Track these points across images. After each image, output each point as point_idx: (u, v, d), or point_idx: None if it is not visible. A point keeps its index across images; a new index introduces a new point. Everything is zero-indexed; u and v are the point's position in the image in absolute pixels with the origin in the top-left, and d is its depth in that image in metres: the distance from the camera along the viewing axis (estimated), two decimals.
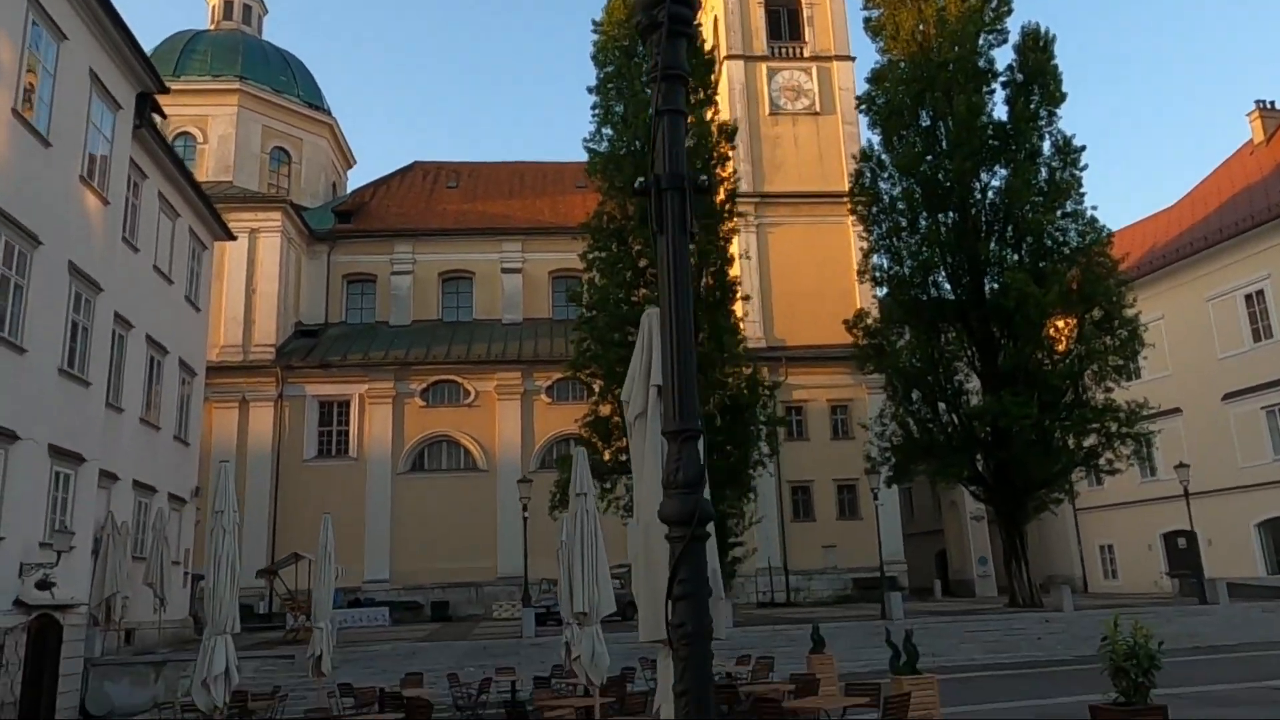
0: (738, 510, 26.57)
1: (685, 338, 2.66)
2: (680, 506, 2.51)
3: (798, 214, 42.79)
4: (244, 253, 39.35)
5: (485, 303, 44.30)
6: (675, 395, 2.61)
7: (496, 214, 46.65)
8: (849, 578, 39.05)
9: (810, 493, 40.75)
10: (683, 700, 2.42)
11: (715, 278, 27.79)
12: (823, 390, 41.18)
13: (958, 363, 29.07)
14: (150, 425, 25.65)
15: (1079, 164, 28.39)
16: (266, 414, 38.26)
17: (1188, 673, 18.23)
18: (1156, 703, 7.65)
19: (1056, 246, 28.19)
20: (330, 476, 38.22)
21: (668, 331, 2.67)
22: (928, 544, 47.73)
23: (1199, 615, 25.95)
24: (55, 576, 18.08)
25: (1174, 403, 36.04)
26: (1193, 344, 35.67)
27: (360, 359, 39.57)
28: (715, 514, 2.61)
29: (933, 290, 29.51)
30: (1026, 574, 28.19)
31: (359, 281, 44.54)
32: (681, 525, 2.49)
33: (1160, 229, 39.77)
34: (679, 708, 2.41)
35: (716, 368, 26.84)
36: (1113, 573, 40.01)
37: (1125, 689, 7.56)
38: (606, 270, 27.65)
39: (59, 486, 19.32)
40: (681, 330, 2.66)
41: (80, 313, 20.28)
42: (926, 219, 29.84)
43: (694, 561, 2.48)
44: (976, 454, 28.39)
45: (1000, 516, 28.55)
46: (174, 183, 27.05)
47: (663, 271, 2.76)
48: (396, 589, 37.32)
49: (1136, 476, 37.09)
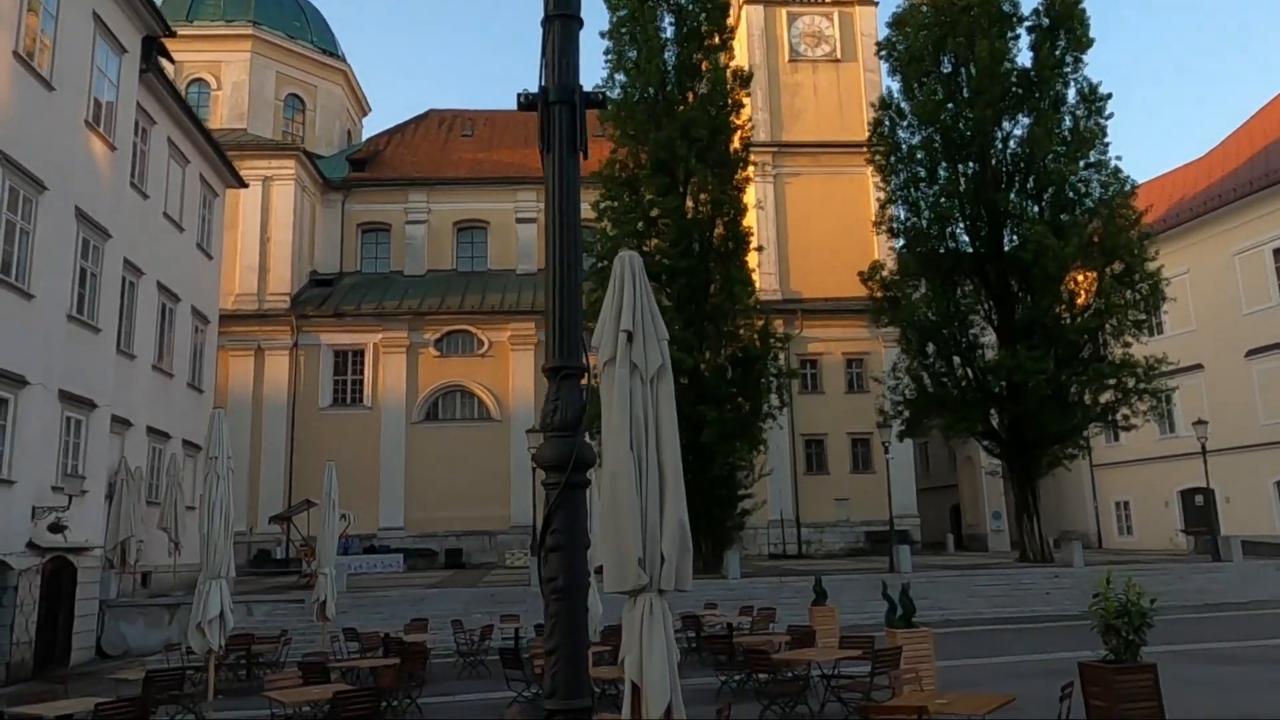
0: (747, 463, 26.47)
1: (570, 267, 2.47)
2: (556, 451, 2.34)
3: (817, 164, 42.07)
4: (258, 201, 39.25)
5: (500, 252, 44.06)
6: (556, 329, 2.43)
7: (512, 163, 46.15)
8: (861, 531, 39.06)
9: (824, 446, 40.63)
10: (554, 659, 2.27)
11: (728, 228, 27.38)
12: (838, 343, 40.84)
13: (973, 316, 28.61)
14: (163, 372, 25.81)
15: (1104, 113, 27.60)
16: (282, 362, 38.45)
17: (1195, 630, 18.12)
18: (1148, 660, 7.51)
19: (1078, 198, 27.52)
20: (345, 425, 38.48)
21: (551, 259, 2.48)
22: (942, 498, 47.61)
23: (1211, 573, 25.75)
24: (67, 520, 18.35)
25: (1196, 359, 35.47)
26: (1217, 299, 34.95)
27: (374, 308, 39.58)
28: (594, 460, 2.42)
29: (950, 242, 28.96)
30: (1038, 529, 28.03)
31: (373, 231, 44.38)
32: (557, 470, 2.32)
33: (1189, 181, 38.78)
34: (549, 665, 2.27)
35: (728, 319, 26.57)
36: (1128, 529, 39.78)
37: (1115, 647, 7.43)
38: (618, 220, 27.32)
39: (70, 431, 19.52)
40: (565, 258, 2.47)
41: (89, 259, 20.29)
42: (946, 169, 29.19)
43: (569, 510, 2.31)
44: (990, 409, 28.09)
45: (1013, 471, 28.32)
46: (183, 129, 26.87)
47: (549, 192, 2.56)
48: (411, 536, 37.71)
49: (1155, 433, 36.68)
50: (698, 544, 27.12)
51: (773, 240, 41.22)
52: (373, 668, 11.38)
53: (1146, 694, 7.20)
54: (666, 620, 5.08)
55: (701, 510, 26.51)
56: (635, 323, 5.37)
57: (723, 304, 26.52)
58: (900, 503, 40.27)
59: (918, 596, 23.47)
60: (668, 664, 4.96)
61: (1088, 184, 27.60)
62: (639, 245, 26.94)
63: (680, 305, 26.27)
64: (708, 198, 27.09)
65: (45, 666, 17.80)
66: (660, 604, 5.07)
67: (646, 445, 5.21)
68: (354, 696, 8.23)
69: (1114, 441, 38.91)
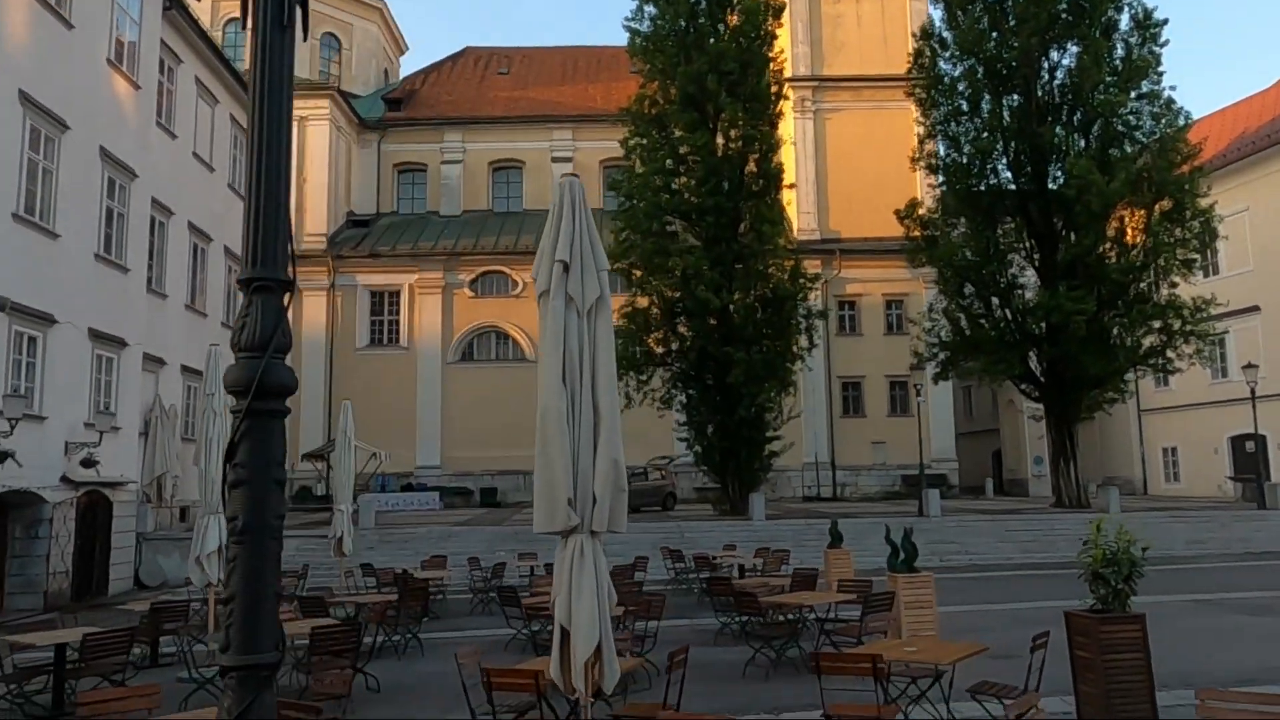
0: (776, 404, 26.16)
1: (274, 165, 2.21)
2: (241, 373, 2.11)
3: (859, 99, 40.80)
4: (294, 142, 39.09)
5: (535, 193, 43.69)
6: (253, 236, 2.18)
7: (547, 101, 45.57)
8: (897, 474, 38.65)
9: (861, 389, 40.10)
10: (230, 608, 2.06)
11: (759, 165, 26.67)
12: (877, 284, 40.02)
13: (1013, 255, 27.69)
14: (197, 312, 26.18)
15: (1159, 40, 26.14)
16: (320, 303, 38.83)
17: (1231, 579, 17.61)
18: (1138, 610, 7.19)
19: (1128, 132, 26.27)
20: (382, 365, 38.90)
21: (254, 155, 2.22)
22: (985, 443, 46.87)
23: (1255, 520, 24.96)
24: (99, 456, 18.82)
25: (1252, 300, 34.04)
26: (1278, 238, 33.35)
27: (410, 249, 39.65)
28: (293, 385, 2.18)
29: (991, 179, 27.93)
30: (1075, 474, 27.39)
31: (409, 171, 44.29)
32: (241, 396, 2.10)
33: (1252, 113, 36.81)
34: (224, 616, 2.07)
35: (758, 259, 26.05)
36: (1175, 476, 38.77)
37: (1104, 596, 7.11)
38: (646, 158, 26.78)
39: (101, 369, 19.91)
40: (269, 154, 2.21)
41: (115, 199, 20.46)
42: (989, 102, 28.02)
43: (256, 441, 2.10)
44: (1029, 350, 27.31)
45: (1051, 415, 27.60)
46: (211, 68, 26.82)
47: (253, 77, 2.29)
48: (448, 475, 38.24)
49: (1207, 377, 35.48)
50: (725, 485, 27.19)
51: (812, 179, 40.27)
52: (374, 603, 11.49)
53: (1133, 645, 6.88)
54: (599, 562, 4.91)
55: (729, 452, 26.40)
56: (572, 253, 5.12)
57: (752, 243, 25.96)
58: (939, 447, 39.76)
59: (946, 540, 23.50)
60: (598, 607, 4.80)
61: (1139, 116, 26.32)
62: (667, 183, 26.46)
63: (708, 245, 25.80)
64: (738, 134, 26.38)
65: (83, 596, 18.43)
66: (592, 545, 4.90)
67: (581, 381, 4.99)
68: (331, 632, 8.28)
69: (1163, 386, 37.73)
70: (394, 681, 9.77)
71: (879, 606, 9.12)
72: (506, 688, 6.00)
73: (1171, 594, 15.48)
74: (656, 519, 26.55)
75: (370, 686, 9.32)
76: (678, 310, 26.12)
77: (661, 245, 25.82)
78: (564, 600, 4.84)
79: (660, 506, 31.46)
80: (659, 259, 25.65)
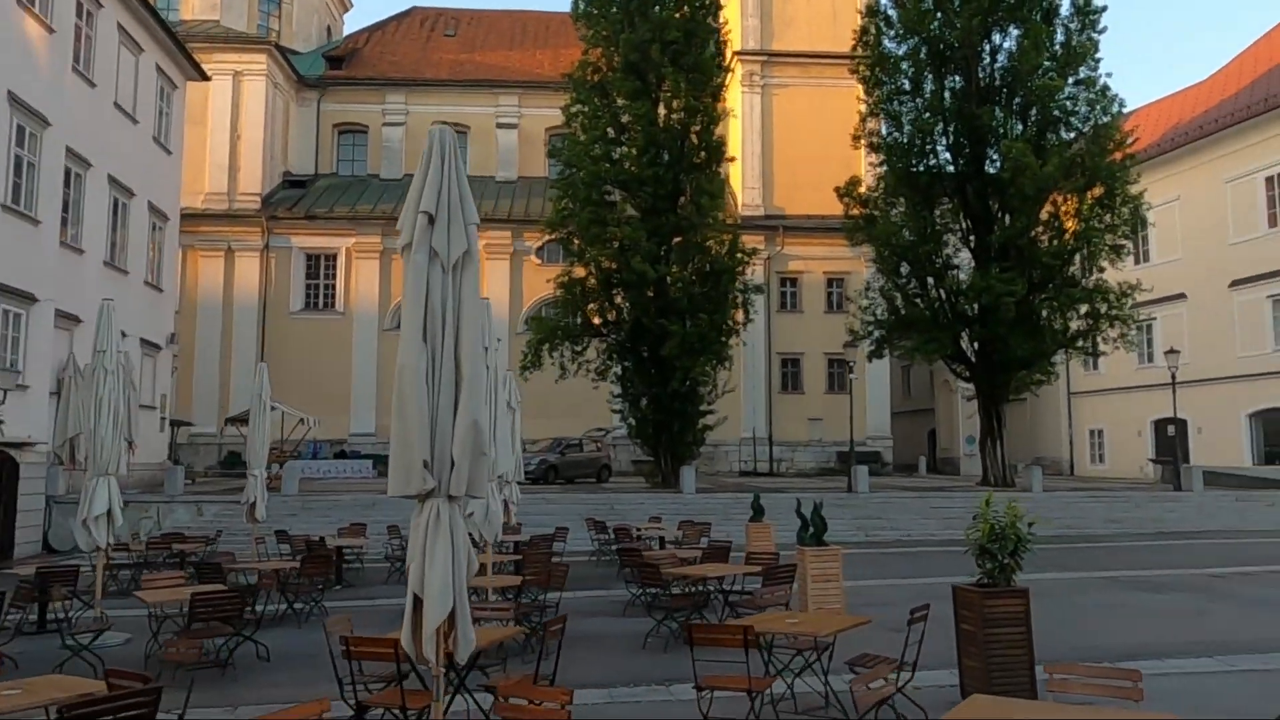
0: (710, 378, 26.12)
1: None
2: None
3: (807, 75, 40.71)
4: (228, 97, 38.08)
5: (479, 158, 42.95)
6: None
7: (494, 65, 44.73)
8: (834, 450, 39.02)
9: (800, 365, 40.36)
10: None
11: (701, 136, 26.44)
12: (819, 262, 40.18)
13: (949, 236, 27.94)
14: (117, 269, 25.23)
15: (1097, 26, 26.42)
16: (252, 264, 37.85)
17: (1138, 557, 18.04)
18: (1022, 585, 7.23)
19: (1065, 116, 26.57)
20: (317, 330, 38.13)
21: None
22: (922, 421, 47.60)
23: (1170, 502, 25.71)
24: (4, 414, 18.08)
25: (1179, 288, 34.86)
26: (1206, 228, 34.13)
27: (348, 212, 38.78)
28: None
29: (931, 159, 28.09)
30: (1002, 453, 27.90)
31: (350, 132, 43.24)
32: None
33: (1187, 105, 37.52)
34: None
35: (696, 231, 25.88)
36: (1100, 457, 39.76)
37: (990, 570, 7.14)
38: (587, 125, 26.38)
39: (8, 325, 19.11)
40: None
41: (24, 147, 19.57)
42: (931, 82, 28.13)
43: None
44: (962, 331, 27.65)
45: (980, 395, 28.03)
46: (136, 16, 25.71)
47: None
48: (382, 443, 37.61)
49: (1134, 362, 36.37)
50: (658, 458, 27.16)
51: (758, 154, 40.20)
52: (275, 569, 11.19)
53: (1015, 619, 6.92)
54: (456, 528, 4.72)
55: (662, 425, 26.35)
56: (439, 204, 4.88)
57: (692, 216, 25.78)
58: (874, 424, 40.28)
59: (873, 516, 23.77)
60: (452, 574, 4.62)
61: (1075, 102, 26.61)
62: (607, 152, 26.14)
63: (646, 216, 25.57)
64: (681, 104, 26.10)
65: None
66: (449, 510, 4.71)
67: (443, 339, 4.78)
68: (212, 599, 8.00)
69: (1093, 370, 38.63)
70: (286, 650, 9.52)
71: (780, 579, 9.09)
72: (368, 656, 5.82)
73: (1079, 571, 15.84)
74: (588, 491, 26.48)
75: (260, 655, 9.06)
76: (615, 281, 25.89)
77: (600, 215, 25.52)
78: (417, 567, 4.65)
79: (595, 479, 31.38)
80: (596, 229, 25.36)
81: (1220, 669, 8.46)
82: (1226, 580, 14.31)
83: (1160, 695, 7.38)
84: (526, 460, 30.93)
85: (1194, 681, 7.91)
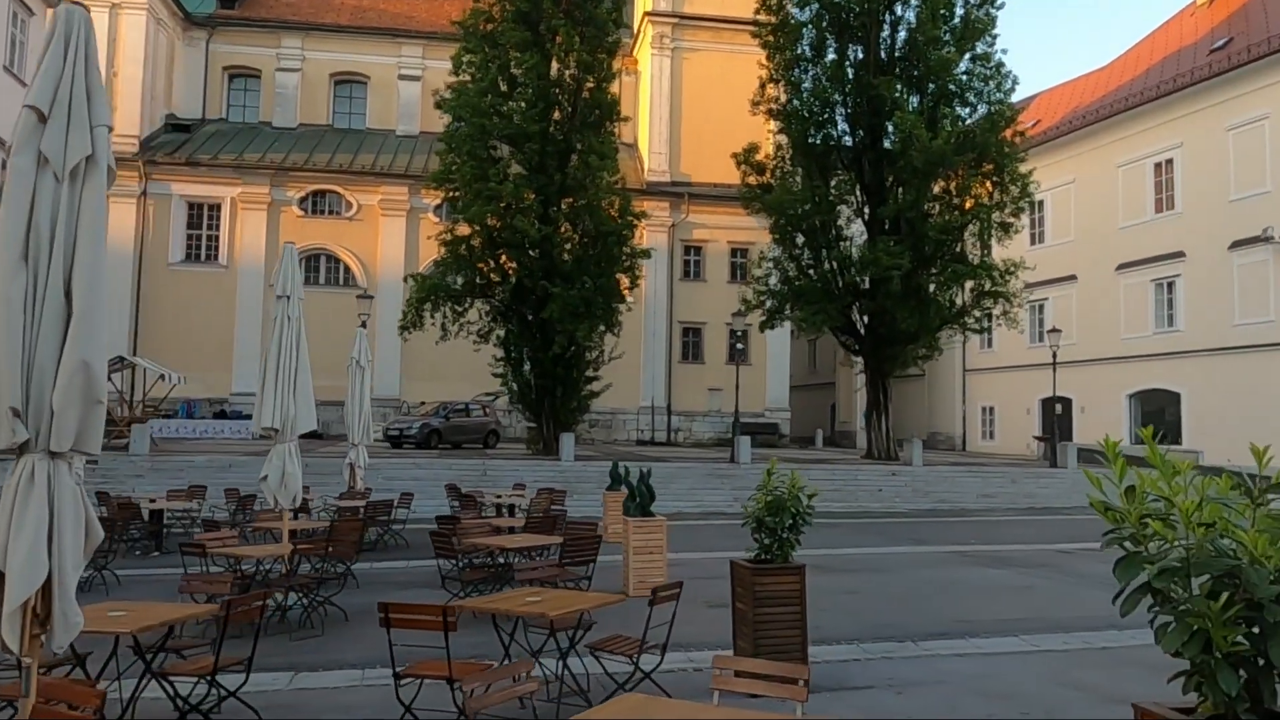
0: (596, 343, 25.51)
1: None
2: None
3: (718, 39, 40.02)
4: (104, 31, 35.63)
5: (380, 111, 41.37)
6: None
7: (398, 14, 42.96)
8: (731, 421, 38.85)
9: (702, 335, 40.05)
10: None
11: (594, 94, 25.60)
12: (724, 231, 39.78)
13: (843, 208, 27.74)
14: None
15: (995, 2, 26.32)
16: (128, 211, 35.69)
17: (998, 532, 18.12)
18: (799, 561, 6.78)
19: (960, 91, 26.48)
20: (199, 283, 36.32)
21: None
22: (825, 395, 47.93)
23: (1044, 478, 26.10)
24: None
25: (1071, 270, 35.49)
26: (1098, 212, 34.73)
27: (234, 159, 36.88)
28: None
29: (829, 129, 27.78)
30: (886, 427, 28.01)
31: (241, 76, 41.10)
32: None
33: (1087, 90, 38.03)
34: None
35: (585, 191, 25.10)
36: (991, 434, 40.52)
37: (767, 545, 6.67)
38: (476, 76, 25.29)
39: None
40: None
41: None
42: (834, 51, 27.75)
43: None
44: (852, 303, 27.55)
45: (867, 369, 28.05)
46: None
47: None
48: None
49: (1025, 341, 36.97)
50: (540, 424, 26.49)
51: (665, 118, 39.50)
52: None
53: (789, 598, 6.48)
54: (58, 490, 3.96)
55: (545, 390, 25.68)
56: (57, 99, 4.06)
57: (581, 176, 24.98)
58: (773, 396, 40.28)
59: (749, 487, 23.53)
60: (48, 546, 3.87)
61: (971, 77, 26.53)
62: (496, 105, 25.11)
63: (534, 173, 24.68)
64: (574, 59, 25.19)
65: None
66: (49, 468, 3.94)
67: (50, 262, 3.98)
68: None
69: (987, 348, 39.20)
70: None
71: (579, 550, 8.53)
72: None
73: (931, 545, 15.75)
74: (464, 456, 25.71)
75: None
76: (498, 241, 24.99)
77: (484, 171, 24.53)
78: (1, 535, 3.88)
79: (482, 444, 30.60)
80: (480, 184, 24.37)
81: (1020, 649, 8.21)
82: (1070, 556, 14.34)
83: (944, 678, 7.06)
84: (408, 424, 30.17)
85: (986, 664, 7.61)
